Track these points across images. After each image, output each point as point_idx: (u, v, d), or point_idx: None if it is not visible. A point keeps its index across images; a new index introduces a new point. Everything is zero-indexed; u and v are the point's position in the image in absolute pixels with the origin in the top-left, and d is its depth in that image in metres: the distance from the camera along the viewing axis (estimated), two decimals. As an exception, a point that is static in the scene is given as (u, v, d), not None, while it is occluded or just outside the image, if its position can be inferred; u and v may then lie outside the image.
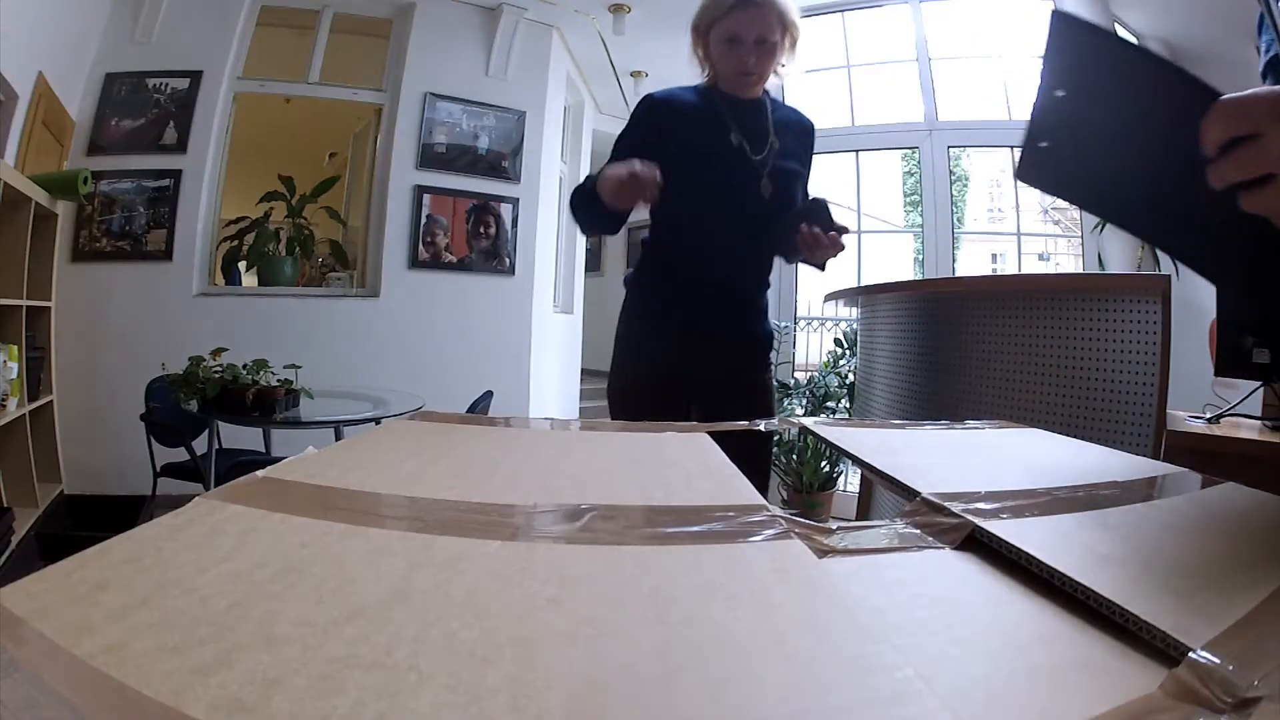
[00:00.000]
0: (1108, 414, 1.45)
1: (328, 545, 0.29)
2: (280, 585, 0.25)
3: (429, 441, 0.52)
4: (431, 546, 0.28)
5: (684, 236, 1.26)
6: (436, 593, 0.24)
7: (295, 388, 2.36)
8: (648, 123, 1.27)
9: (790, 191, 1.29)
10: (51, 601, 0.24)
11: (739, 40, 1.22)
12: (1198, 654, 0.22)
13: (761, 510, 0.34)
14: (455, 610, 0.23)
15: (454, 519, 0.32)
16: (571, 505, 0.35)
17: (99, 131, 3.23)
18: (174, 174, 3.29)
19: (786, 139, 1.31)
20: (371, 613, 0.22)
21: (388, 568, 0.26)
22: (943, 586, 0.28)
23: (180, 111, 3.32)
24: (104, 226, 3.23)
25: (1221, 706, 0.20)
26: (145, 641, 0.21)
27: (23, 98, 2.61)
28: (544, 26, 4.06)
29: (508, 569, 0.26)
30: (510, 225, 3.90)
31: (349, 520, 0.32)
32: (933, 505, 0.35)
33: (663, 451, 0.51)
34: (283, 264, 3.67)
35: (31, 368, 2.57)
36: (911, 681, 0.19)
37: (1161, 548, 0.34)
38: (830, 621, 0.23)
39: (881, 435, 0.58)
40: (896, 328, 2.20)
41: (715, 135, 1.25)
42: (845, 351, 4.06)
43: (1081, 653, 0.23)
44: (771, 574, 0.26)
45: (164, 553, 0.28)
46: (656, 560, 0.27)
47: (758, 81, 1.28)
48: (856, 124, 4.74)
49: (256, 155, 3.97)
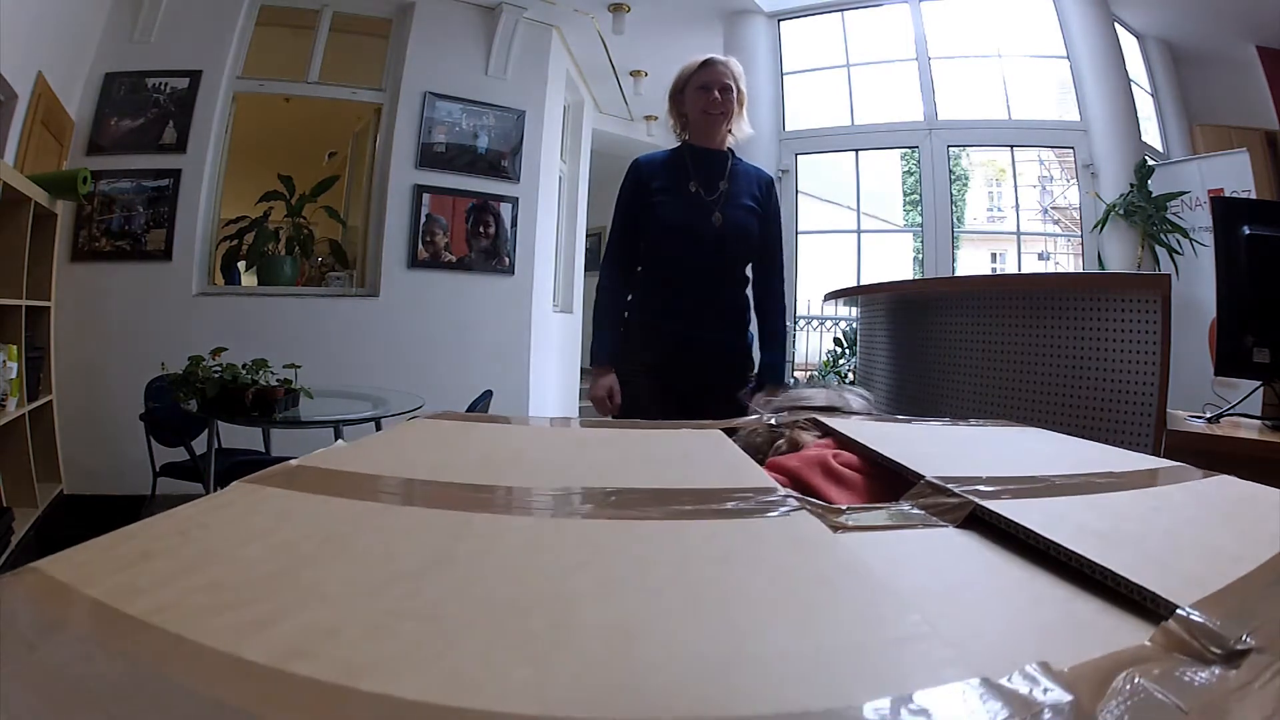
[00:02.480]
0: (1108, 413, 1.45)
1: (367, 521, 0.30)
2: (324, 554, 0.26)
3: (452, 436, 0.54)
4: (468, 522, 0.29)
5: (660, 255, 1.67)
6: (475, 559, 0.25)
7: (295, 387, 2.36)
8: (633, 177, 1.69)
9: (739, 220, 1.65)
10: (96, 570, 0.24)
11: (708, 86, 1.63)
12: (1186, 610, 0.22)
13: (775, 492, 0.35)
14: (493, 573, 0.24)
15: (486, 499, 0.34)
16: (596, 489, 0.36)
17: (98, 131, 3.23)
18: (173, 174, 3.29)
19: (740, 184, 1.68)
20: (415, 575, 0.23)
21: (427, 539, 0.27)
22: (946, 557, 0.30)
23: (180, 111, 3.31)
24: (103, 226, 3.23)
25: (1211, 658, 0.20)
26: (197, 601, 0.21)
27: (22, 98, 2.61)
28: (544, 26, 4.06)
29: (540, 540, 0.28)
30: (510, 225, 3.90)
31: (385, 501, 0.33)
32: (936, 488, 0.36)
33: (678, 445, 0.52)
34: (282, 264, 3.67)
35: (31, 368, 2.57)
36: (918, 625, 0.21)
37: (1153, 526, 0.35)
38: (843, 580, 0.24)
39: (885, 428, 0.59)
40: (896, 327, 2.20)
41: (679, 182, 1.66)
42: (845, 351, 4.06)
43: (1075, 611, 0.24)
44: (787, 542, 0.28)
45: (207, 528, 0.29)
46: (677, 532, 0.29)
47: (723, 119, 1.65)
48: (856, 123, 4.74)
49: (256, 155, 3.96)
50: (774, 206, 1.74)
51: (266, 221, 3.75)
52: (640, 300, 1.69)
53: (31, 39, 2.60)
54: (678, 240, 1.63)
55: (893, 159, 5.05)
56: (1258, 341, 1.47)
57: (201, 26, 3.38)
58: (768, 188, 1.73)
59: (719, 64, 1.65)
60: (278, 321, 3.43)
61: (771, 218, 1.73)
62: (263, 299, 3.57)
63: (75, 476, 2.95)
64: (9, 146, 2.56)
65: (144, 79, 3.28)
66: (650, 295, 1.67)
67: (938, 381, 1.89)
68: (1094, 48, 4.19)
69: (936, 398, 1.89)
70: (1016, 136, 4.51)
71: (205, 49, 3.37)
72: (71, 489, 2.92)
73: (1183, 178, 4.05)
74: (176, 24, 3.33)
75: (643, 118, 5.92)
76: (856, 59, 4.74)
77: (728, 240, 1.63)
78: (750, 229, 1.67)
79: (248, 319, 3.40)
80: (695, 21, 4.41)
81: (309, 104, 3.84)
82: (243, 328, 3.27)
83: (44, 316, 2.75)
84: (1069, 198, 4.69)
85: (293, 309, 3.53)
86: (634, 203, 1.67)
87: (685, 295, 1.63)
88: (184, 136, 3.30)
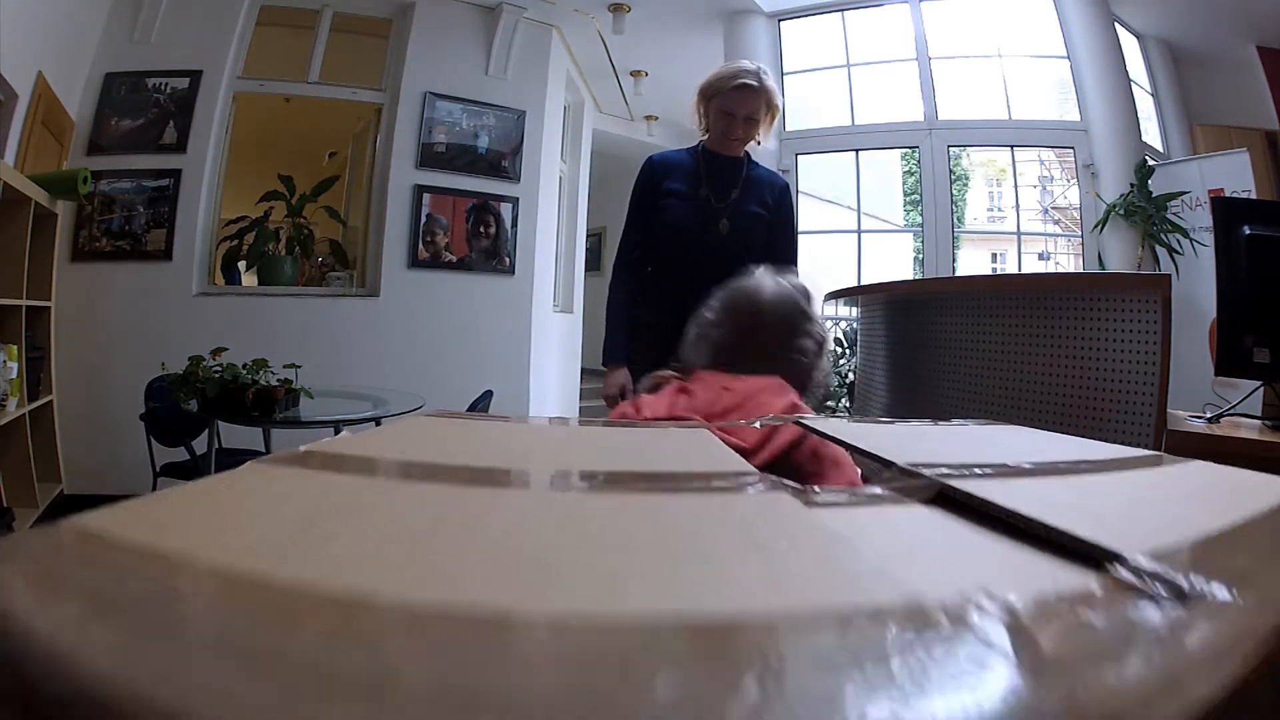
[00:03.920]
0: (1108, 414, 1.45)
1: (373, 492, 0.33)
2: (337, 516, 0.28)
3: (452, 430, 0.57)
4: (466, 495, 0.33)
5: (665, 256, 1.69)
6: (473, 521, 0.28)
7: (295, 387, 2.36)
8: (646, 175, 1.70)
9: (746, 228, 1.66)
10: (116, 528, 0.25)
11: (733, 114, 1.62)
12: (1138, 557, 0.23)
13: (754, 475, 0.38)
14: (491, 530, 0.27)
15: (484, 477, 0.37)
16: (588, 471, 0.40)
17: (99, 131, 3.23)
18: (174, 174, 3.29)
19: (752, 191, 1.68)
20: (420, 535, 0.26)
21: (429, 508, 0.30)
22: (909, 526, 0.32)
23: (180, 111, 3.32)
24: (104, 226, 3.23)
25: (1159, 598, 0.20)
26: (226, 553, 0.22)
27: (23, 98, 2.61)
28: (544, 26, 4.06)
29: (535, 508, 0.32)
30: (510, 225, 3.90)
31: (390, 478, 0.37)
32: (906, 472, 0.38)
33: (667, 440, 0.54)
34: (282, 263, 3.67)
35: (31, 368, 2.57)
36: (879, 573, 0.23)
37: (1118, 498, 0.37)
38: (809, 539, 0.28)
39: (866, 427, 0.62)
40: (896, 327, 2.21)
41: (691, 186, 1.67)
42: (845, 351, 4.06)
43: (1030, 565, 0.25)
44: (761, 511, 0.32)
45: (219, 499, 0.31)
46: (658, 503, 0.33)
47: (740, 145, 1.67)
48: (856, 123, 4.74)
49: (256, 155, 3.96)
50: (786, 212, 1.73)
51: (267, 221, 3.75)
52: (647, 300, 1.71)
53: (31, 39, 2.60)
54: (683, 244, 1.65)
55: (893, 159, 5.05)
56: (1258, 341, 1.47)
57: (201, 26, 3.38)
58: (781, 194, 1.73)
59: (751, 91, 1.61)
60: (278, 321, 3.43)
61: (783, 223, 1.73)
62: (263, 299, 3.57)
63: (75, 476, 2.95)
64: (9, 146, 2.56)
65: (144, 79, 3.28)
66: (657, 296, 1.69)
67: (938, 381, 1.89)
68: (1094, 48, 4.19)
69: (936, 398, 1.89)
70: (1017, 136, 4.51)
71: (205, 49, 3.37)
72: (72, 489, 2.92)
73: (1183, 178, 4.06)
74: (176, 24, 3.33)
75: (643, 118, 5.92)
76: (857, 59, 4.74)
77: (734, 246, 1.64)
78: (757, 236, 1.68)
79: (248, 319, 3.40)
80: (695, 21, 4.41)
81: (309, 104, 3.84)
82: (243, 328, 3.27)
83: (44, 316, 2.76)
84: (1069, 198, 4.69)
85: (293, 309, 3.53)
86: (646, 201, 1.68)
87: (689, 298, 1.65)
88: (184, 136, 3.31)
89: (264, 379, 2.26)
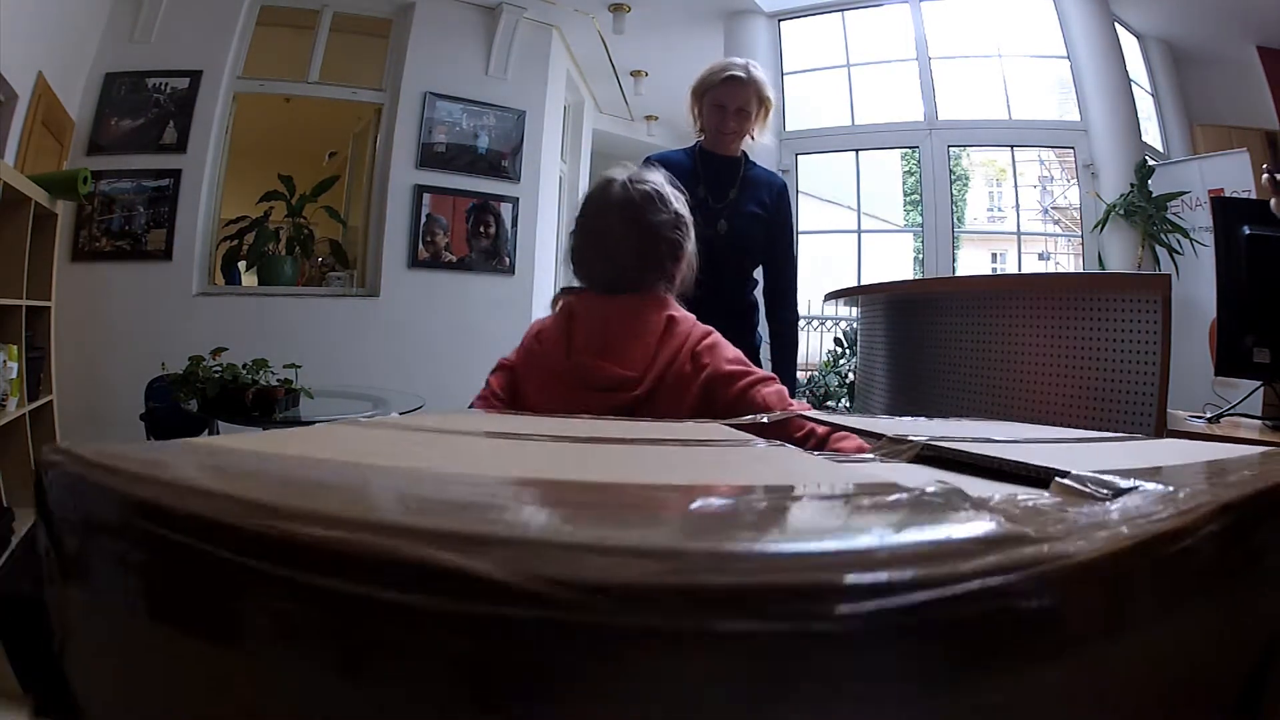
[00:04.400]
0: (1108, 413, 1.45)
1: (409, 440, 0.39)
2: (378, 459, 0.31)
3: (461, 416, 0.61)
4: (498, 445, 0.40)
5: None
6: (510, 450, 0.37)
7: (295, 387, 2.36)
8: None
9: (744, 228, 1.66)
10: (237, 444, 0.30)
11: (723, 107, 1.62)
12: (1081, 472, 0.25)
13: (760, 441, 0.44)
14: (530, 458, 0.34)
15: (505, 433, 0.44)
16: (599, 436, 0.47)
17: (99, 131, 3.23)
18: (174, 174, 3.29)
19: (750, 192, 1.68)
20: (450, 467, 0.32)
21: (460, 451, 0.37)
22: (894, 474, 0.35)
23: (180, 111, 3.31)
24: (104, 226, 3.23)
25: (1105, 497, 0.22)
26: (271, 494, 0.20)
27: (22, 98, 2.61)
28: (544, 26, 4.06)
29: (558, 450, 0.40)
30: (510, 225, 3.90)
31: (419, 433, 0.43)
32: (894, 440, 0.43)
33: (679, 427, 0.57)
34: (282, 263, 3.67)
35: (31, 368, 2.57)
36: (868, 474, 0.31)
37: (1086, 457, 0.40)
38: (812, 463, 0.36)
39: (861, 419, 0.66)
40: (896, 327, 2.21)
41: (688, 186, 1.68)
42: (845, 351, 4.06)
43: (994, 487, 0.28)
44: (760, 455, 0.39)
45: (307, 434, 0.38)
46: (670, 450, 0.39)
47: (734, 139, 1.66)
48: (856, 123, 4.74)
49: (256, 155, 3.96)
50: (784, 213, 1.73)
51: (267, 221, 3.74)
52: None
53: (31, 39, 2.60)
54: None
55: (893, 159, 5.05)
56: (1258, 341, 1.47)
57: (201, 26, 3.38)
58: (779, 194, 1.73)
59: (739, 83, 1.61)
60: (278, 321, 3.43)
61: (781, 224, 1.73)
62: (263, 299, 3.57)
63: (75, 476, 2.95)
64: (9, 146, 2.56)
65: (144, 79, 3.28)
66: None
67: (937, 381, 1.89)
68: (1094, 48, 4.19)
69: (936, 397, 1.89)
70: (1017, 136, 4.51)
71: (205, 49, 3.37)
72: (72, 489, 2.91)
73: (1183, 178, 4.05)
74: (176, 24, 3.33)
75: (643, 118, 5.92)
76: (857, 59, 4.73)
77: (730, 248, 1.64)
78: (755, 237, 1.68)
79: (248, 319, 3.40)
80: (695, 21, 4.41)
81: (309, 104, 3.84)
82: (243, 328, 3.27)
83: (44, 316, 2.75)
84: (1069, 198, 4.69)
85: (293, 309, 3.53)
86: None
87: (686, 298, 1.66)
88: (184, 136, 3.30)
89: (264, 379, 2.26)
